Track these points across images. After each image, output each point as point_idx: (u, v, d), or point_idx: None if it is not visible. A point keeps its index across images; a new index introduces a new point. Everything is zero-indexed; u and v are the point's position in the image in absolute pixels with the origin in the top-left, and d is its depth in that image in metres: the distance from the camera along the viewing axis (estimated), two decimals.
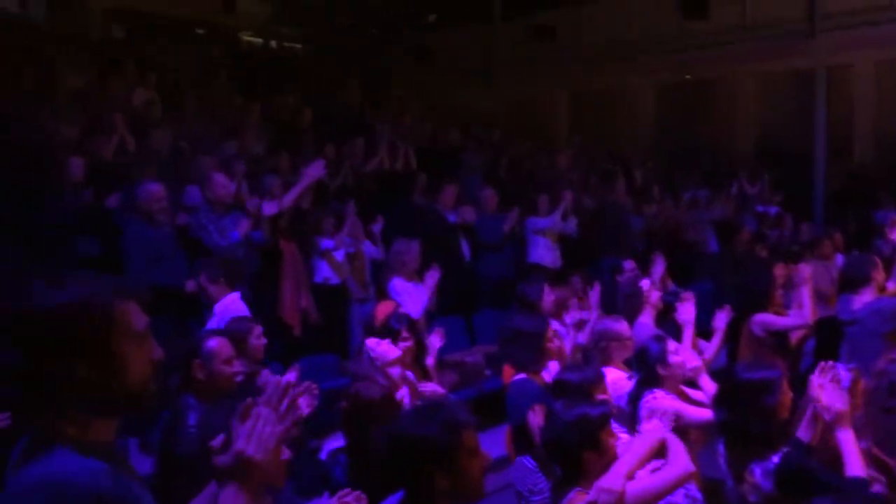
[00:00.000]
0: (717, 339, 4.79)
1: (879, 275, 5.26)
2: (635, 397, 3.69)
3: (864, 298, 5.14)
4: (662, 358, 3.72)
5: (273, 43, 17.78)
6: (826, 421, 2.65)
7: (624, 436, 3.32)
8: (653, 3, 14.03)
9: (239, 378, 3.66)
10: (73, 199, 6.19)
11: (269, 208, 6.01)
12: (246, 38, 17.25)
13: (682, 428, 3.34)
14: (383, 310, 4.96)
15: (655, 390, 3.64)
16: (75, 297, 1.48)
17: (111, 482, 1.46)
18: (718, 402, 3.03)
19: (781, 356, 4.96)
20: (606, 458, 2.70)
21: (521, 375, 4.04)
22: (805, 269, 5.19)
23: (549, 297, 5.38)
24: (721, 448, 3.01)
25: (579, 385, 3.39)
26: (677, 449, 2.84)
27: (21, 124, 7.08)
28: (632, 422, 3.59)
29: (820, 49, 12.66)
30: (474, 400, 5.94)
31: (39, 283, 1.50)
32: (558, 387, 3.48)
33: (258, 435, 1.55)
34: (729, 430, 2.95)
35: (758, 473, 2.78)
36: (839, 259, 7.45)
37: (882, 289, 5.23)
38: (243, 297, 5.60)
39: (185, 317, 5.67)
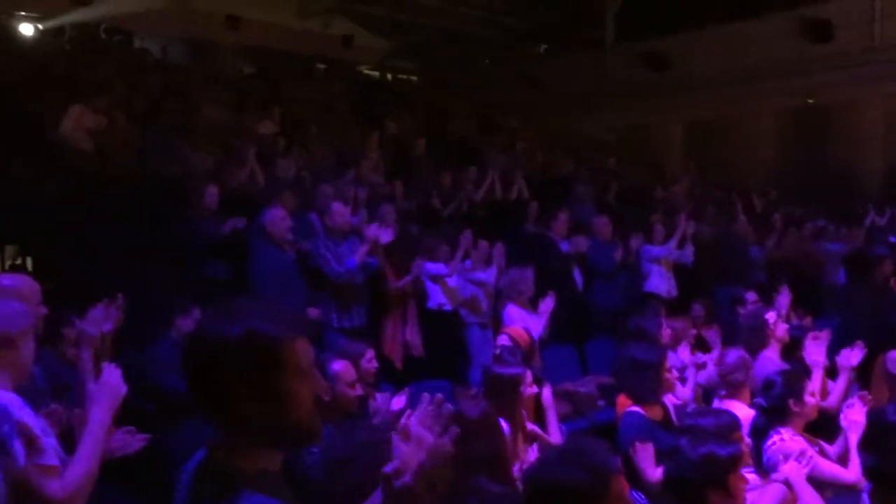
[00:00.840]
0: (843, 380, 4.39)
1: None
2: (760, 433, 3.50)
3: None
4: (798, 394, 3.50)
5: (389, 76, 18.37)
6: None
7: (752, 476, 3.18)
8: (773, 27, 13.65)
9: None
10: (208, 226, 6.54)
11: (386, 236, 6.20)
12: (364, 71, 17.90)
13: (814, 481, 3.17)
14: (513, 332, 4.91)
15: (782, 429, 3.44)
16: (249, 331, 1.47)
17: None
18: (865, 446, 2.78)
19: None
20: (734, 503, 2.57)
21: (635, 408, 3.93)
22: None
23: (666, 330, 5.30)
24: (866, 499, 2.77)
25: (715, 431, 3.15)
26: (811, 500, 2.69)
27: (163, 156, 7.63)
28: (756, 459, 3.42)
29: None
30: (586, 431, 5.88)
31: (209, 314, 1.52)
32: (689, 431, 3.31)
33: (422, 466, 1.49)
34: (877, 478, 2.68)
35: None
36: None
37: None
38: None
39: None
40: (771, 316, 5.11)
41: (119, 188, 7.14)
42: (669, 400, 4.25)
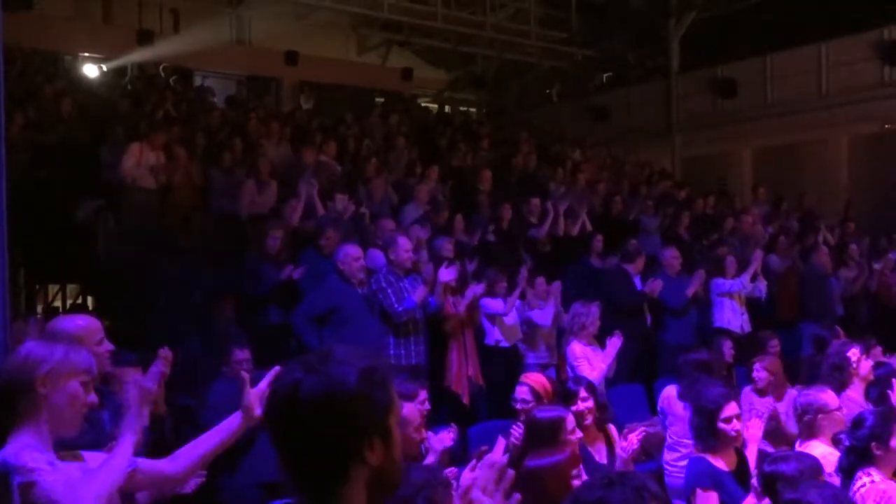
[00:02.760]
0: None
1: None
2: (848, 472, 3.31)
3: None
4: (884, 436, 3.29)
5: (448, 108, 18.40)
6: None
7: None
8: (845, 50, 13.22)
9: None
10: (269, 270, 6.53)
11: (446, 275, 6.08)
12: (423, 104, 17.96)
13: None
14: (533, 381, 4.77)
15: (870, 469, 3.24)
16: (363, 371, 1.42)
17: None
18: None
19: None
20: None
21: (701, 454, 3.81)
22: None
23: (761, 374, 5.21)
24: None
25: (795, 476, 3.05)
26: None
27: (226, 195, 7.67)
28: None
29: None
30: (655, 473, 5.63)
31: (301, 368, 1.42)
32: (770, 480, 3.15)
33: None
34: None
35: None
36: None
37: None
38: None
39: None
40: (854, 353, 4.90)
41: (182, 227, 7.20)
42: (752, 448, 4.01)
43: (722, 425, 3.77)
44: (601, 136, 15.39)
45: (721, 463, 3.76)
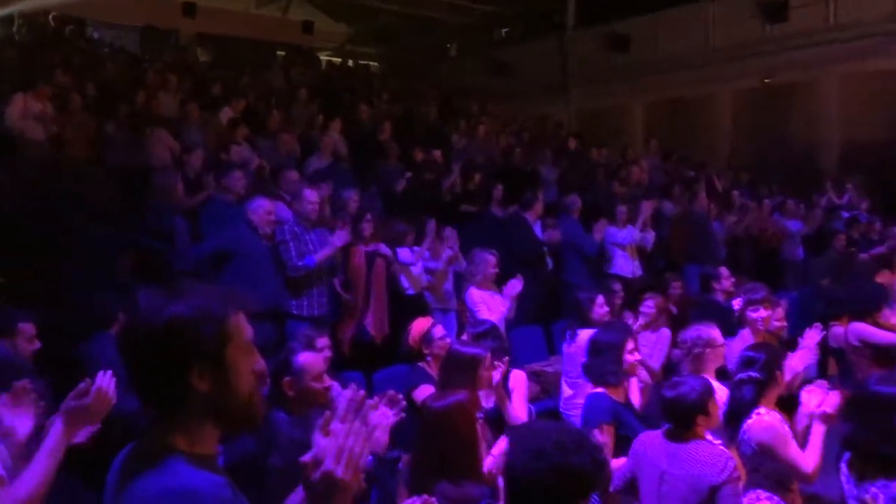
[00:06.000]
0: (803, 357, 4.26)
1: None
2: (750, 405, 3.49)
3: None
4: (781, 365, 3.60)
5: (350, 62, 18.23)
6: None
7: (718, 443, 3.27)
8: (730, 8, 13.82)
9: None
10: (175, 220, 6.44)
11: (339, 239, 6.07)
12: (324, 57, 17.73)
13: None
14: (417, 326, 4.83)
15: (762, 407, 3.45)
16: (193, 308, 1.49)
17: (231, 494, 1.47)
18: (846, 416, 2.89)
19: (879, 366, 4.72)
20: None
21: (599, 389, 3.92)
22: None
23: (600, 310, 5.43)
24: (844, 466, 2.84)
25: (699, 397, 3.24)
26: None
27: (122, 147, 7.50)
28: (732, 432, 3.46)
29: None
30: (552, 411, 5.87)
31: (158, 294, 1.51)
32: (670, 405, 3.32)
33: (346, 453, 1.48)
34: (854, 446, 2.76)
35: (882, 499, 2.61)
36: None
37: None
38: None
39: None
40: (737, 303, 5.22)
41: (78, 179, 6.98)
42: (634, 383, 4.29)
43: (623, 357, 3.93)
44: (502, 90, 15.60)
45: (619, 397, 3.92)
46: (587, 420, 3.81)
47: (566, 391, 5.44)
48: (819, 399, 3.42)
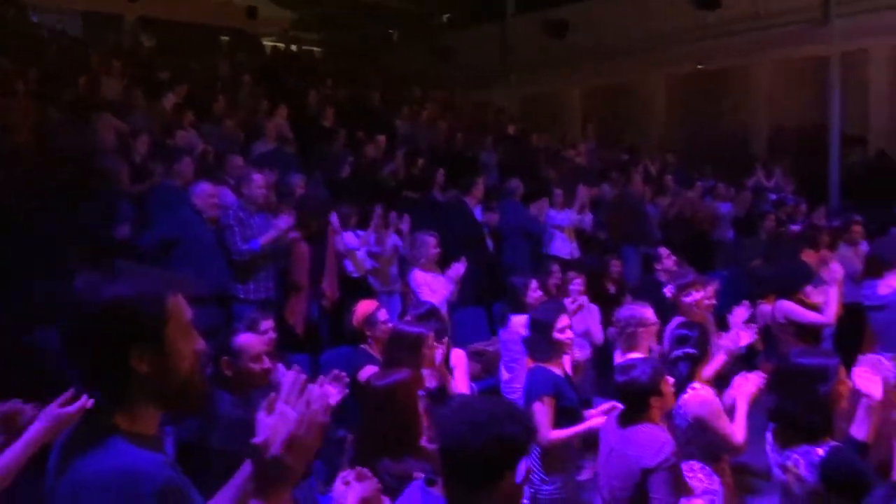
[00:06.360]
0: (738, 335, 4.40)
1: None
2: (688, 379, 3.63)
3: (890, 283, 5.16)
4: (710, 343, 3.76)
5: (294, 47, 18.17)
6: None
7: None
8: None
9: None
10: (116, 202, 6.48)
11: (283, 222, 6.10)
12: (268, 43, 17.65)
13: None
14: (362, 309, 4.85)
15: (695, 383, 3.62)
16: (131, 289, 1.49)
17: (172, 473, 1.48)
18: (770, 387, 2.99)
19: (803, 342, 4.93)
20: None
21: (538, 364, 4.05)
22: (837, 270, 5.14)
23: (534, 294, 5.61)
24: (769, 436, 2.93)
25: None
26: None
27: (67, 134, 7.46)
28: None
29: (834, 35, 12.54)
30: (493, 389, 5.90)
31: (96, 277, 1.50)
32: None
33: (291, 437, 1.48)
34: (779, 417, 2.84)
35: (802, 465, 2.70)
36: (863, 245, 7.43)
37: None
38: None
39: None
40: (669, 290, 5.47)
41: (25, 166, 6.94)
42: (567, 360, 4.42)
43: (557, 335, 4.02)
44: (444, 76, 15.75)
45: (558, 370, 4.02)
46: (529, 392, 3.93)
47: (504, 374, 5.57)
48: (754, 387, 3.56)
